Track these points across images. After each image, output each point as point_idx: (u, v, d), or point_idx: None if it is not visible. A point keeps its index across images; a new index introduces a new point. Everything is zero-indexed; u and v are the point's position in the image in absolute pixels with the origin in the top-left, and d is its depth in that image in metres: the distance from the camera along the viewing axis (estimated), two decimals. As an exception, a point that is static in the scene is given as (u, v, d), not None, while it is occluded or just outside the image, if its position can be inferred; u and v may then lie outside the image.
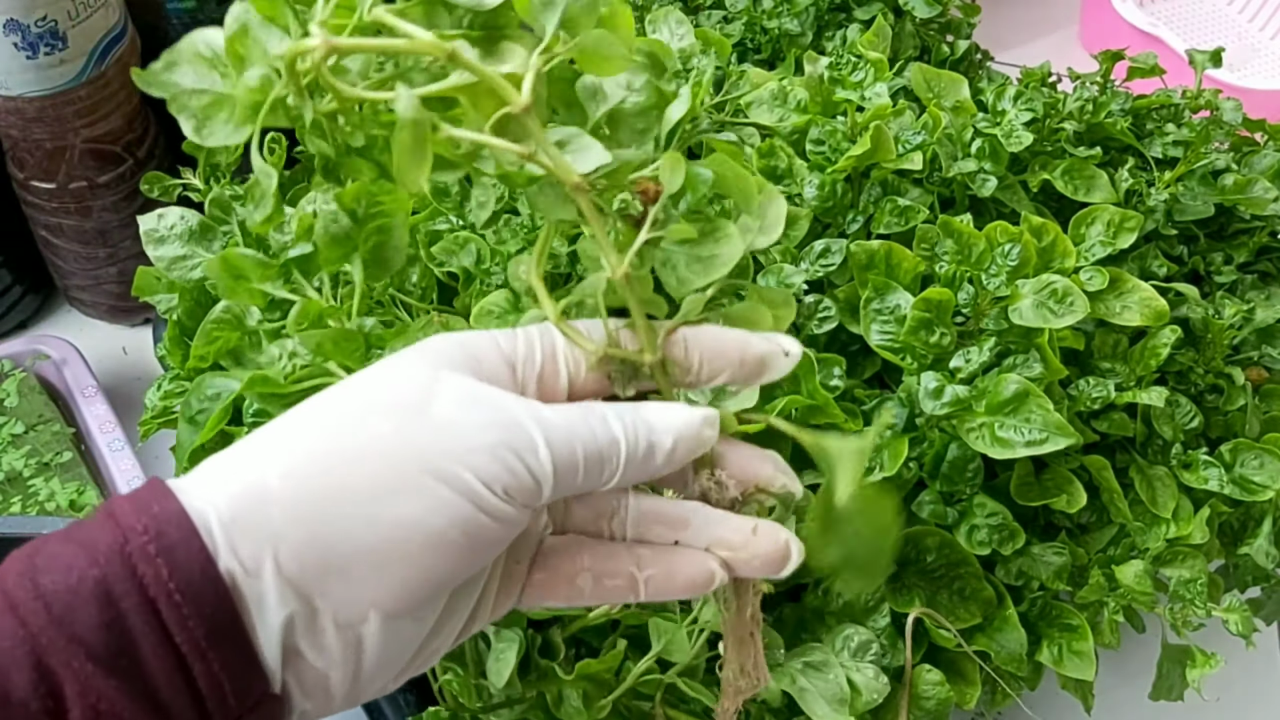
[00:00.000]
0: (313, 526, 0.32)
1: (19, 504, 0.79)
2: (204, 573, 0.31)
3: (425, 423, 0.33)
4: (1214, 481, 0.65)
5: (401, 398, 0.34)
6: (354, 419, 0.33)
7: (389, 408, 0.33)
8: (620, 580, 0.38)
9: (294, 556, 0.32)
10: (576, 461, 0.34)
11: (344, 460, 0.33)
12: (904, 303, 0.63)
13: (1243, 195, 0.78)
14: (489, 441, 0.33)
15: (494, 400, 0.34)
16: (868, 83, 0.71)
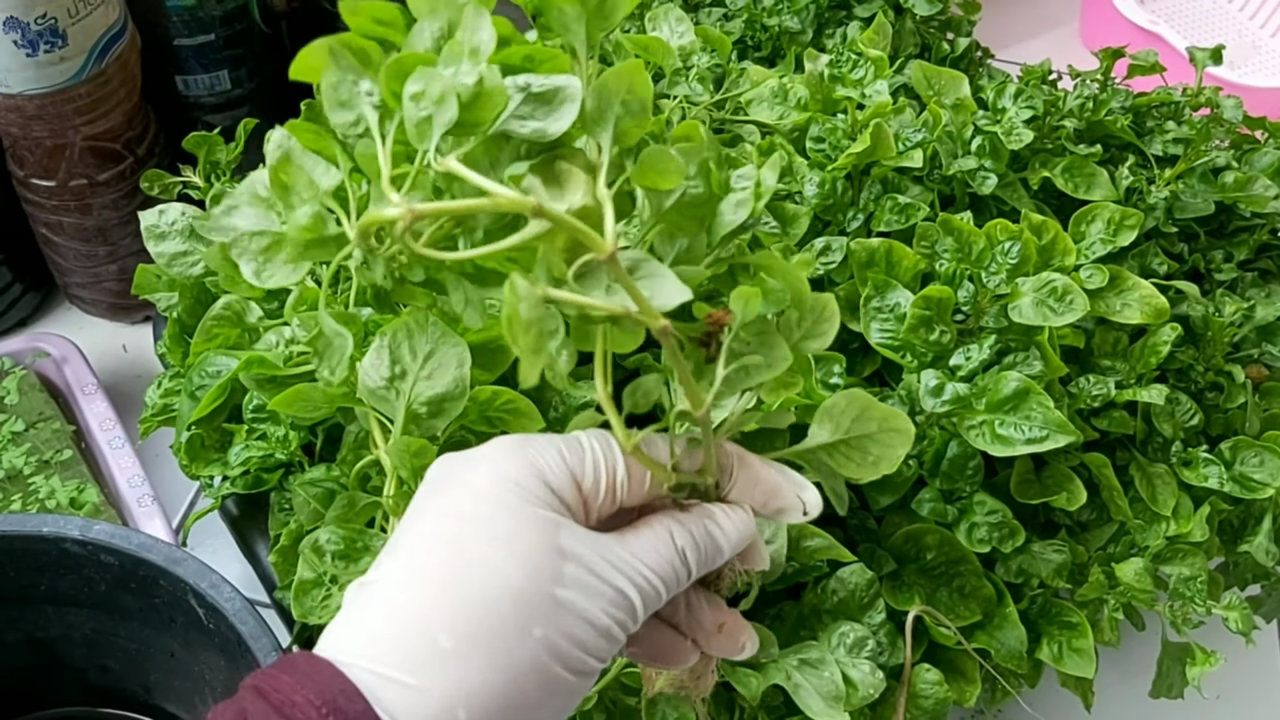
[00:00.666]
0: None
1: (19, 502, 0.79)
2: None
3: (560, 616, 0.34)
4: (1214, 479, 0.65)
5: (533, 585, 0.34)
6: (513, 629, 0.34)
7: (530, 605, 0.34)
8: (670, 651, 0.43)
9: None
10: (661, 599, 0.37)
11: (514, 684, 0.33)
12: (904, 300, 0.63)
13: (1243, 193, 0.78)
14: (604, 624, 0.35)
15: (603, 571, 0.35)
16: (868, 80, 0.71)
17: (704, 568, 0.39)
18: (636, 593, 0.36)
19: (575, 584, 0.35)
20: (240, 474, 0.65)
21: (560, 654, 0.34)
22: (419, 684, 0.32)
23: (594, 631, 0.35)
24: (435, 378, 0.49)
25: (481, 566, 0.34)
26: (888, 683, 0.57)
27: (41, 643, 0.64)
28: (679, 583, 0.38)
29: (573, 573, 0.35)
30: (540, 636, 0.34)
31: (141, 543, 0.57)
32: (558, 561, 0.35)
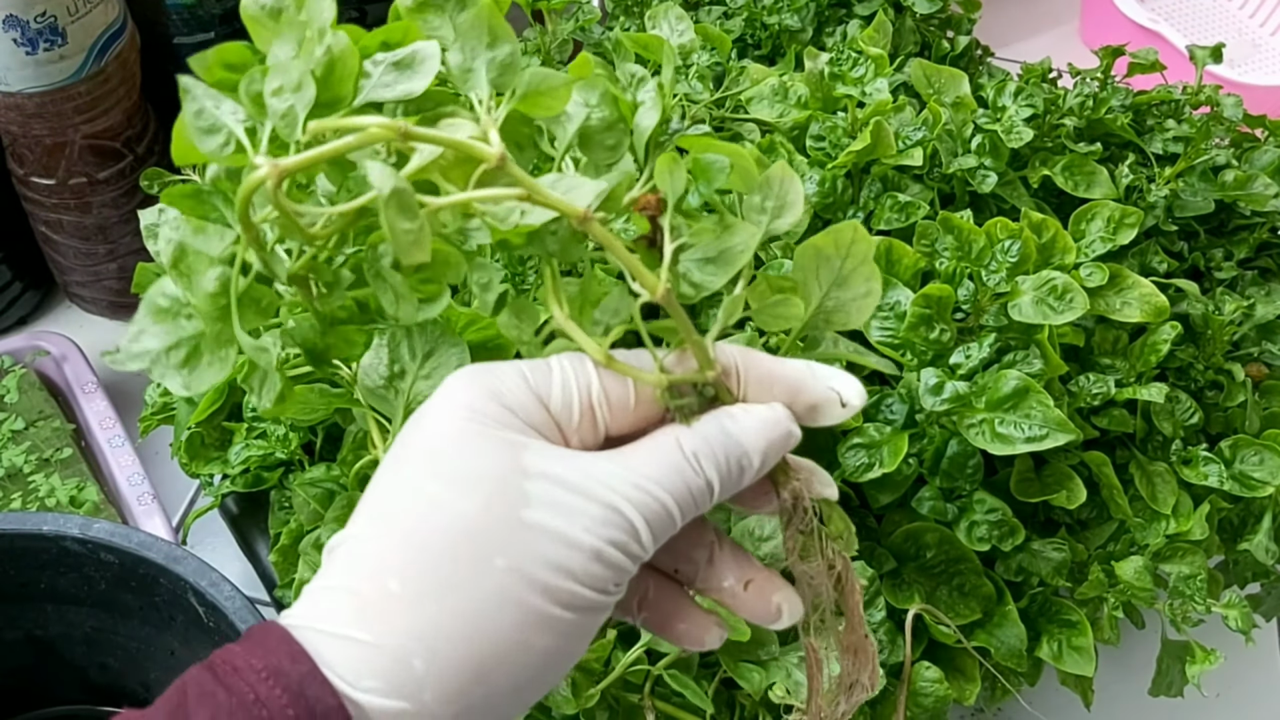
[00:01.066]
0: (458, 708, 0.31)
1: (19, 500, 0.79)
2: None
3: (529, 541, 0.31)
4: (1214, 477, 0.65)
5: (491, 510, 0.31)
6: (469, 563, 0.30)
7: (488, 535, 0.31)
8: (619, 609, 0.37)
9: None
10: (675, 521, 0.33)
11: (477, 625, 0.30)
12: (904, 299, 0.63)
13: (1243, 191, 0.78)
14: (593, 546, 0.31)
15: (584, 486, 0.32)
16: (868, 78, 0.71)
17: (729, 479, 0.34)
18: (634, 508, 0.32)
19: (546, 504, 0.31)
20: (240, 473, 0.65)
21: (539, 584, 0.30)
22: (370, 638, 0.30)
23: (580, 555, 0.31)
24: (434, 377, 0.49)
25: (433, 502, 0.31)
26: (888, 681, 0.57)
27: (41, 641, 0.64)
28: (695, 497, 0.33)
29: (542, 492, 0.31)
30: (505, 567, 0.30)
31: (141, 541, 0.57)
32: (520, 482, 0.31)
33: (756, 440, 0.34)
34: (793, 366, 0.36)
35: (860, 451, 0.61)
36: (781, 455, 0.35)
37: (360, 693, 0.29)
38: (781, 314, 0.38)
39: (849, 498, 0.65)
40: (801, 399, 0.36)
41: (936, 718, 0.59)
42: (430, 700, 0.30)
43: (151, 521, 0.79)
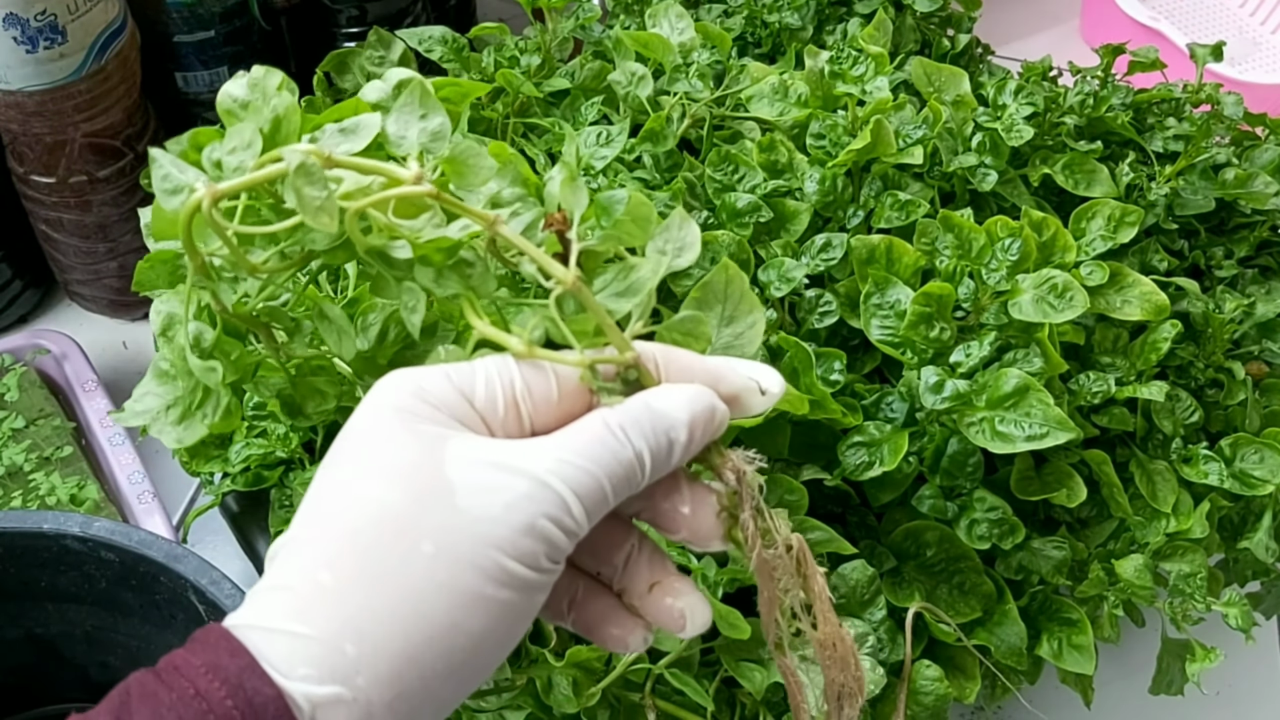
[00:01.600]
0: (395, 691, 0.31)
1: (19, 498, 0.79)
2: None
3: (458, 525, 0.31)
4: (1214, 476, 0.65)
5: (418, 498, 0.32)
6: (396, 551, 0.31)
7: (415, 522, 0.31)
8: (549, 614, 0.38)
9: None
10: (606, 495, 0.33)
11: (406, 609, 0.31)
12: (904, 297, 0.63)
13: (1243, 190, 0.78)
14: (522, 521, 0.32)
15: (509, 464, 0.32)
16: (868, 77, 0.71)
17: (659, 451, 0.34)
18: (561, 481, 0.32)
19: (472, 487, 0.32)
20: (241, 471, 0.65)
21: (469, 565, 0.31)
22: (304, 629, 0.30)
23: (508, 531, 0.31)
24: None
25: (361, 496, 0.32)
26: (888, 679, 0.57)
27: (42, 639, 0.64)
28: (625, 470, 0.33)
29: (467, 476, 0.32)
30: (434, 552, 0.31)
31: (142, 539, 0.57)
32: (445, 470, 0.32)
33: (681, 412, 0.35)
34: (711, 360, 0.37)
35: (860, 450, 0.61)
36: (710, 433, 0.36)
37: (295, 681, 0.30)
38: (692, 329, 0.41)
39: (849, 496, 0.65)
40: (722, 388, 0.37)
41: (937, 716, 0.59)
42: (364, 684, 0.30)
43: (152, 520, 0.79)
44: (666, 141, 0.72)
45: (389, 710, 0.31)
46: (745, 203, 0.67)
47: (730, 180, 0.70)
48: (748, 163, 0.70)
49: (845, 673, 0.37)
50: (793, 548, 0.37)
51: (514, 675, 0.56)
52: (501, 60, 0.80)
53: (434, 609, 0.31)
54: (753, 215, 0.67)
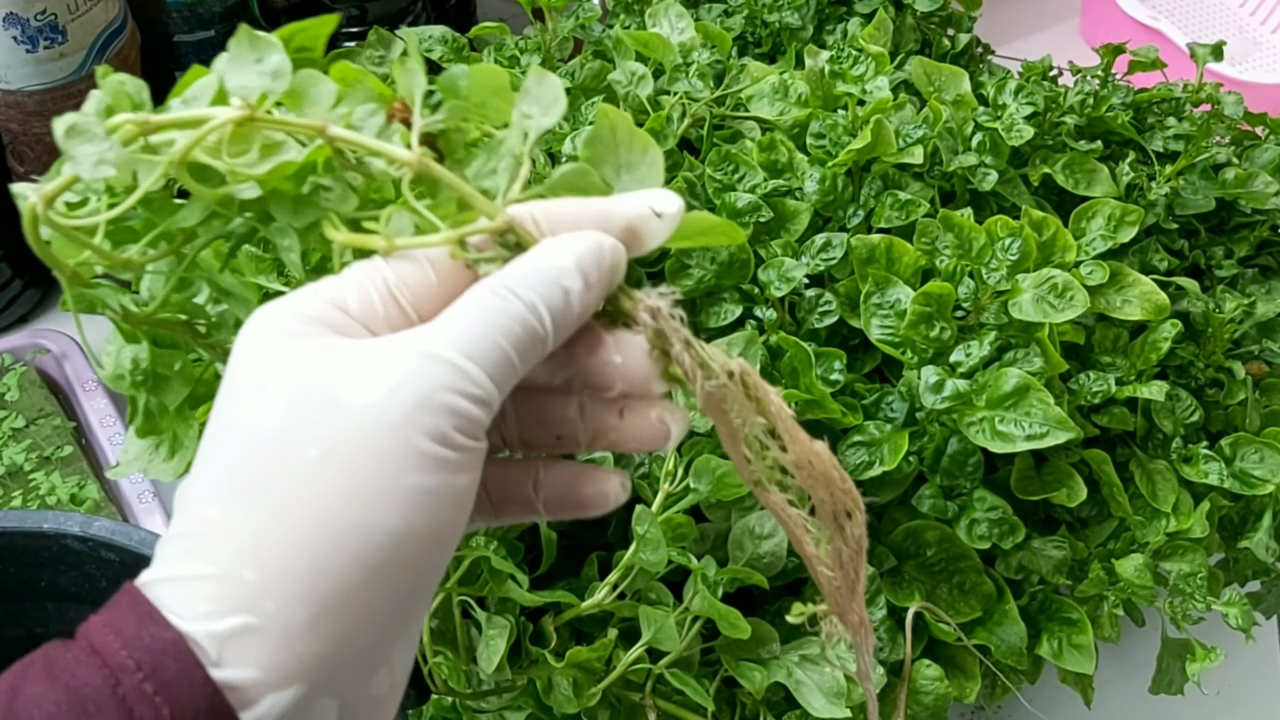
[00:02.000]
0: (312, 609, 0.28)
1: (20, 498, 0.79)
2: (213, 709, 0.27)
3: (342, 419, 0.29)
4: (1214, 475, 0.65)
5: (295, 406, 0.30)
6: (280, 463, 0.29)
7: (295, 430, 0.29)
8: (517, 505, 0.36)
9: (298, 658, 0.28)
10: (508, 356, 0.31)
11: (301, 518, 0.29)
12: (904, 297, 0.63)
13: (1244, 189, 0.78)
14: (414, 398, 0.29)
15: (392, 350, 0.30)
16: (868, 76, 0.71)
17: (555, 302, 0.32)
18: (454, 350, 0.30)
19: (357, 382, 0.29)
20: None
21: (370, 456, 0.29)
22: (200, 569, 0.29)
23: (405, 411, 0.29)
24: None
25: (236, 423, 0.30)
26: (888, 679, 0.57)
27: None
28: (524, 327, 0.31)
29: (351, 375, 0.30)
30: (320, 455, 0.29)
31: (142, 539, 0.57)
32: (323, 374, 0.30)
33: (565, 258, 0.32)
34: (596, 200, 0.35)
35: (860, 449, 0.61)
36: (607, 273, 0.33)
37: (196, 621, 0.28)
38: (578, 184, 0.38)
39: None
40: (614, 225, 0.34)
41: (937, 716, 0.59)
42: (274, 608, 0.28)
43: (152, 519, 0.79)
44: (666, 141, 0.72)
45: (312, 630, 0.28)
46: (745, 202, 0.67)
47: (730, 180, 0.70)
48: (748, 162, 0.70)
49: (831, 489, 0.34)
50: (734, 373, 0.34)
51: (514, 676, 0.56)
52: (501, 60, 0.81)
53: (333, 512, 0.29)
54: (753, 215, 0.67)
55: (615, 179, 0.39)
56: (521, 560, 0.58)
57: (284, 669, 0.28)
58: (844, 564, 0.35)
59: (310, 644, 0.28)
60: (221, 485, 0.30)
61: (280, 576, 0.28)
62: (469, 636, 0.57)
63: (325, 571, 0.28)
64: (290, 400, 0.30)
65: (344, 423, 0.29)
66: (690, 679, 0.54)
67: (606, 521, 0.63)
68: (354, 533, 0.29)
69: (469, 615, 0.57)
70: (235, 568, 0.28)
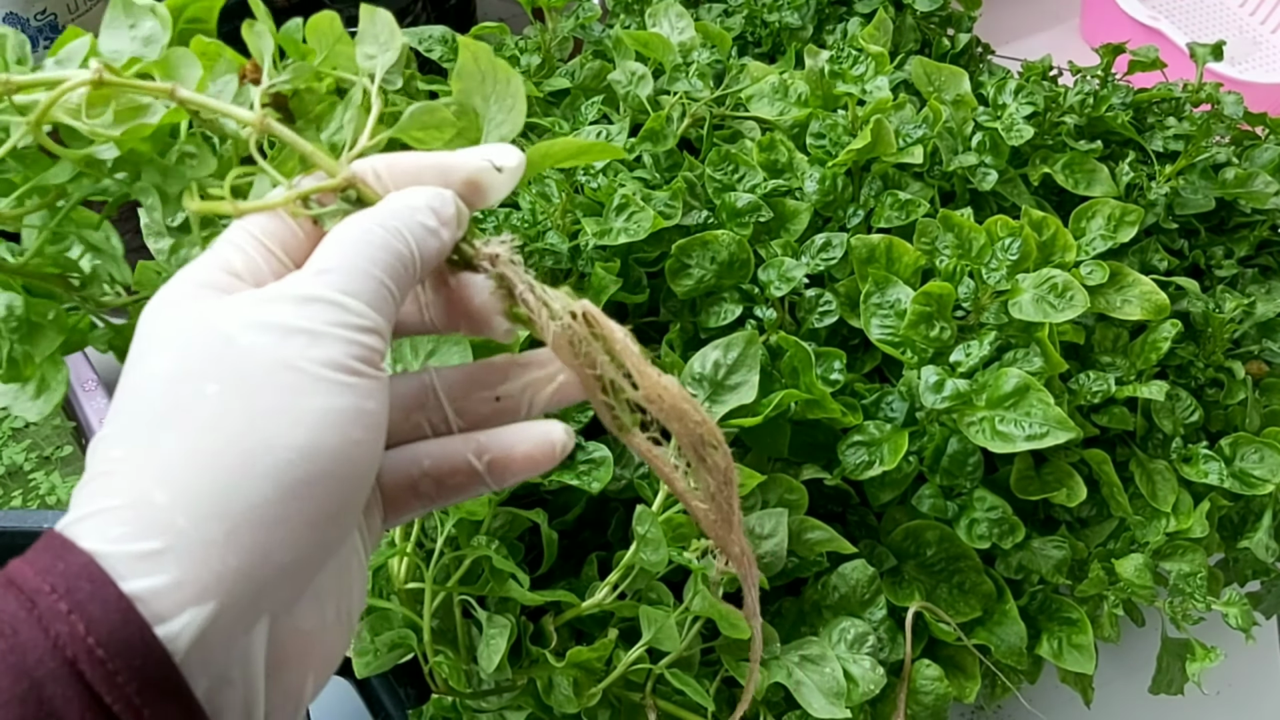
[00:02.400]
0: (226, 524, 0.29)
1: (19, 498, 0.79)
2: (127, 621, 0.28)
3: (236, 356, 0.31)
4: (1214, 475, 0.65)
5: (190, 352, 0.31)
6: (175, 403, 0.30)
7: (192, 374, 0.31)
8: (460, 475, 0.37)
9: (214, 572, 0.29)
10: (385, 286, 0.33)
11: (206, 443, 0.30)
12: (904, 297, 0.63)
13: (1243, 189, 0.78)
14: (308, 338, 0.31)
15: (274, 294, 0.32)
16: (868, 76, 0.71)
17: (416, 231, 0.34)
18: (325, 286, 0.32)
19: (243, 323, 0.31)
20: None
21: (269, 384, 0.30)
22: (111, 502, 0.29)
23: (299, 347, 0.31)
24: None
25: (139, 378, 0.31)
26: (888, 679, 0.57)
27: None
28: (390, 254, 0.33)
29: (236, 318, 0.31)
30: (219, 389, 0.30)
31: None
32: (214, 323, 0.31)
33: (416, 197, 0.34)
34: (436, 155, 0.36)
35: (860, 449, 0.61)
36: (453, 217, 0.35)
37: (109, 544, 0.28)
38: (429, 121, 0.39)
39: (849, 496, 0.65)
40: (455, 179, 0.36)
41: (937, 715, 0.59)
42: (186, 523, 0.29)
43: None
44: (666, 141, 0.72)
45: (228, 546, 0.29)
46: (745, 202, 0.67)
47: (730, 180, 0.70)
48: (748, 162, 0.70)
49: (683, 423, 0.35)
50: (577, 314, 0.35)
51: (514, 675, 0.56)
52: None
53: (238, 432, 0.30)
54: (753, 215, 0.67)
55: (485, 107, 0.40)
56: (522, 560, 0.58)
57: (200, 582, 0.28)
58: (714, 496, 0.36)
59: (226, 559, 0.29)
60: (125, 429, 0.31)
61: (190, 495, 0.29)
62: (469, 636, 0.57)
63: (236, 488, 0.29)
64: (187, 349, 0.31)
65: (241, 361, 0.31)
66: (690, 679, 0.54)
67: (607, 521, 0.63)
68: (262, 450, 0.30)
69: (469, 615, 0.57)
70: (143, 492, 0.29)
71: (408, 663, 0.58)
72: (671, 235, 0.66)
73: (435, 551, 0.55)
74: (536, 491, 0.60)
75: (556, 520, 0.60)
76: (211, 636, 0.29)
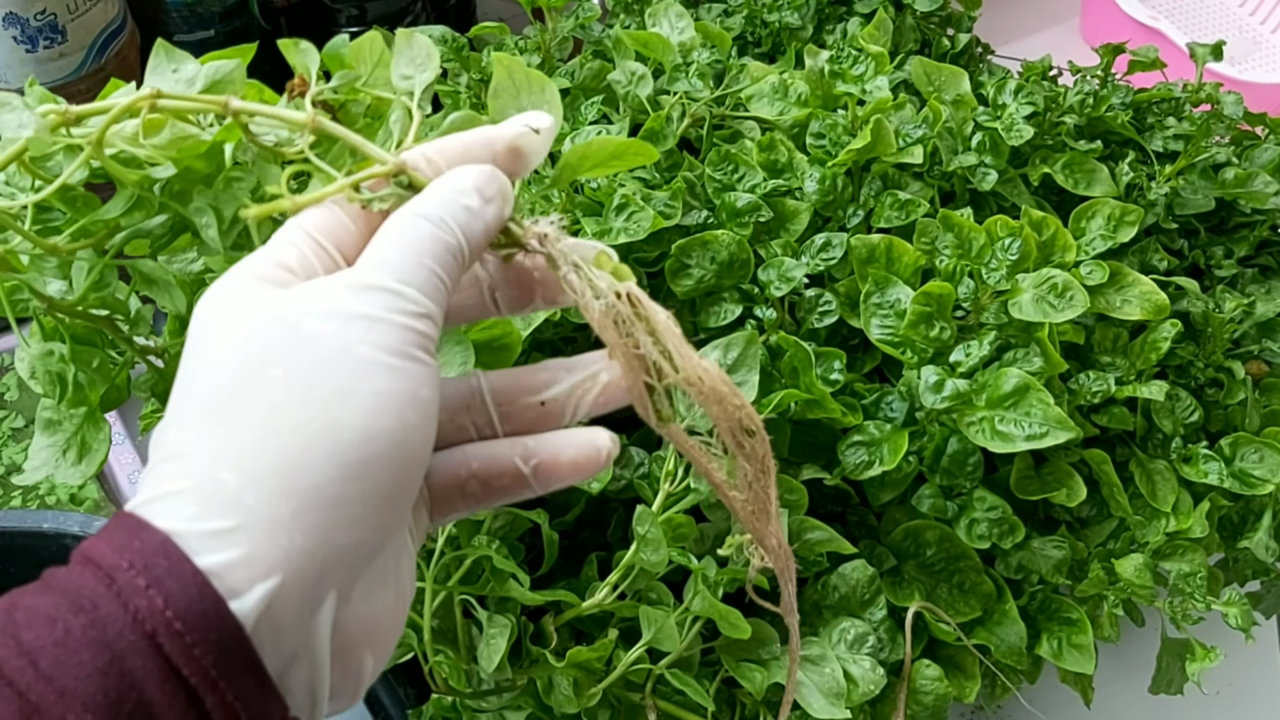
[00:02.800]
0: (292, 503, 0.30)
1: (19, 498, 0.79)
2: (203, 595, 0.29)
3: (300, 342, 0.32)
4: (1214, 475, 0.65)
5: (255, 340, 0.32)
6: (241, 388, 0.31)
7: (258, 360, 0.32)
8: (507, 478, 0.38)
9: (283, 549, 0.30)
10: (436, 274, 0.34)
11: (273, 425, 0.31)
12: (904, 297, 0.63)
13: (1243, 189, 0.78)
14: (367, 322, 0.32)
15: (333, 284, 0.33)
16: (868, 76, 0.71)
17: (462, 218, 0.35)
18: (383, 273, 0.33)
19: (311, 312, 0.32)
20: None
21: (329, 369, 0.31)
22: (182, 485, 0.30)
23: (357, 332, 0.32)
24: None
25: (205, 365, 0.32)
26: (888, 679, 0.57)
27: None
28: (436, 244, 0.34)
29: (305, 307, 0.32)
30: (283, 375, 0.31)
31: (142, 539, 0.57)
32: (279, 313, 0.32)
33: (461, 180, 0.36)
34: (480, 130, 0.38)
35: (860, 449, 0.61)
36: (498, 196, 0.36)
37: (184, 522, 0.29)
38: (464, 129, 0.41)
39: (849, 496, 0.65)
40: (498, 146, 0.37)
41: (937, 715, 0.59)
42: (255, 501, 0.30)
43: (152, 519, 0.79)
44: (666, 141, 0.72)
45: (295, 523, 0.30)
46: (745, 202, 0.67)
47: (730, 180, 0.70)
48: (747, 162, 0.70)
49: (722, 406, 0.35)
50: (621, 294, 0.35)
51: (514, 675, 0.56)
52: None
53: (301, 415, 0.31)
54: (752, 215, 0.67)
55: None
56: (522, 560, 0.58)
57: (270, 558, 0.29)
58: (751, 485, 0.36)
59: (294, 536, 0.30)
60: (191, 415, 0.32)
61: (257, 475, 0.30)
62: (470, 636, 0.57)
63: (301, 469, 0.30)
64: (249, 336, 0.32)
65: (302, 347, 0.32)
66: (690, 679, 0.54)
67: (607, 521, 0.63)
68: (324, 432, 0.31)
69: (470, 614, 0.57)
70: (213, 474, 0.30)
71: (408, 662, 0.58)
72: (671, 235, 0.66)
73: (436, 551, 0.55)
74: (536, 491, 0.60)
75: (557, 520, 0.60)
76: (280, 613, 0.30)
